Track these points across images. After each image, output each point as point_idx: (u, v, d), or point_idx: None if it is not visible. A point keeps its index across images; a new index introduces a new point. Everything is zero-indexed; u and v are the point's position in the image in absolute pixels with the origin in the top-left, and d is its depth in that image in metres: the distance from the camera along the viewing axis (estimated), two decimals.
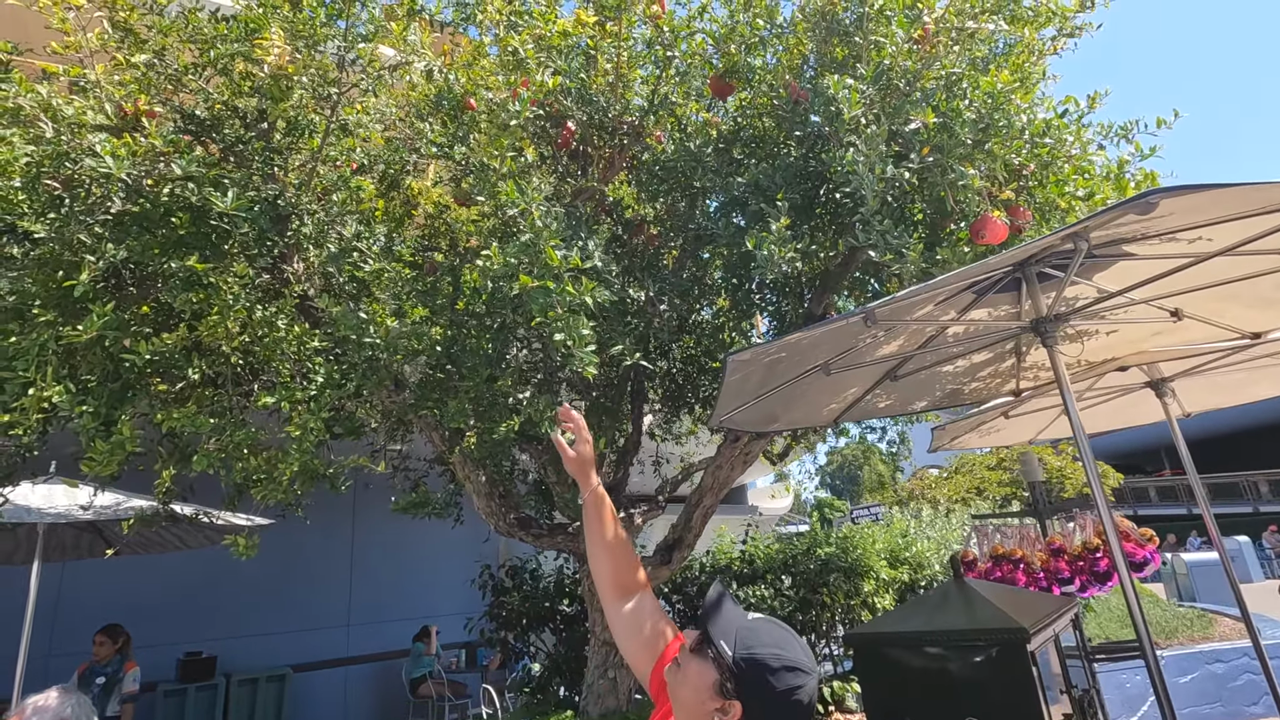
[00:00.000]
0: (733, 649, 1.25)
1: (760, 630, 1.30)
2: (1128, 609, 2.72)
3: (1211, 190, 1.56)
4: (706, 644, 1.29)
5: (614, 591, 1.56)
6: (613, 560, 1.59)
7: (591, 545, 1.64)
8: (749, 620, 1.33)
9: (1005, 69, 2.39)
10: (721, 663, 1.25)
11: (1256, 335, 3.57)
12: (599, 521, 1.63)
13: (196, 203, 2.10)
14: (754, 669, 1.22)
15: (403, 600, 10.02)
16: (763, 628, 1.31)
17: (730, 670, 1.23)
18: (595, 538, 1.63)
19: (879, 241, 2.03)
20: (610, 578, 1.58)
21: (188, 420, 2.23)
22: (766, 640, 1.27)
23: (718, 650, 1.26)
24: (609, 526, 1.63)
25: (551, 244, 1.93)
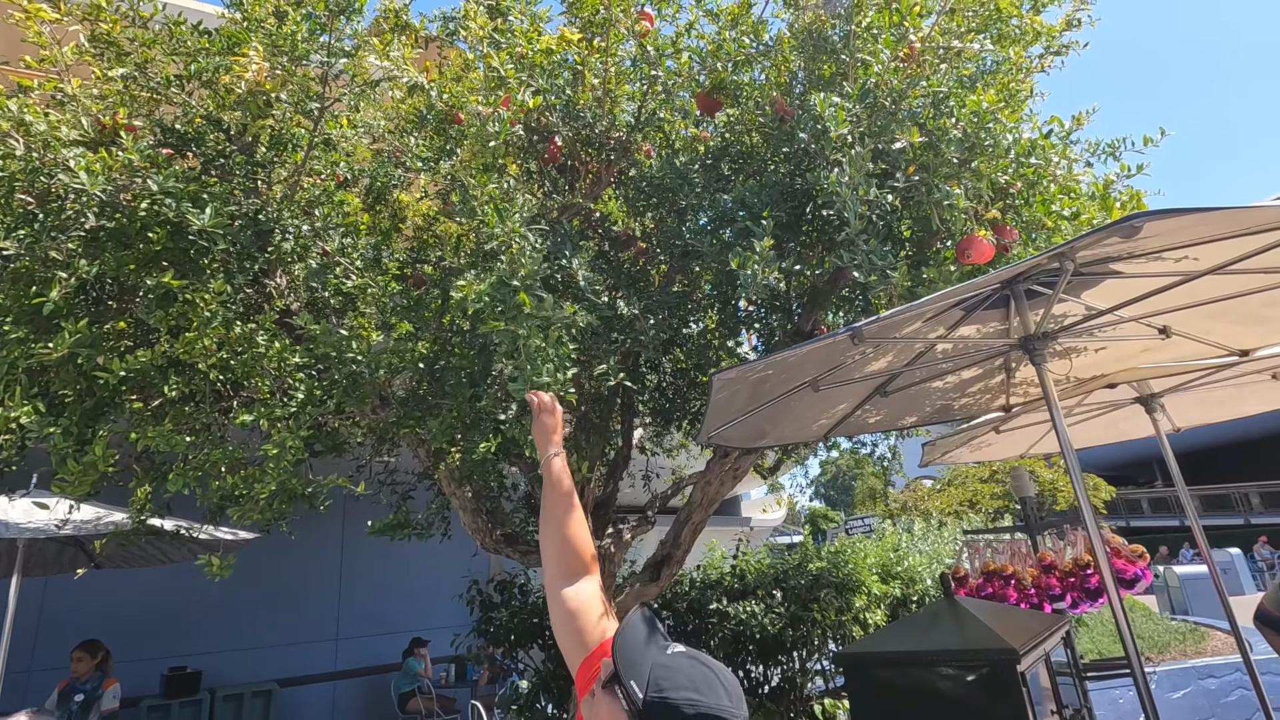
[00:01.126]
0: (644, 690, 1.10)
1: (679, 669, 1.14)
2: (1116, 626, 2.70)
3: (1195, 214, 1.55)
4: (616, 681, 1.14)
5: (558, 570, 1.46)
6: (560, 536, 1.49)
7: (543, 519, 1.54)
8: (668, 656, 1.17)
9: (991, 88, 2.39)
10: (631, 705, 1.10)
11: (1245, 352, 3.58)
12: (552, 492, 1.54)
13: (174, 218, 2.07)
14: (665, 715, 1.08)
15: (392, 614, 9.91)
16: (682, 665, 1.15)
17: (638, 715, 1.09)
18: (546, 511, 1.54)
19: (864, 262, 2.02)
20: (556, 555, 1.48)
21: (163, 438, 2.19)
22: (683, 682, 1.12)
23: (627, 691, 1.11)
24: (560, 501, 1.53)
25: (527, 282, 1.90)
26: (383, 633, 9.79)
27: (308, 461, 2.53)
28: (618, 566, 4.41)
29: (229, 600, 8.34)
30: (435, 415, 2.40)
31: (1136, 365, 3.90)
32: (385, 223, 3.48)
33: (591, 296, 2.19)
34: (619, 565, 4.48)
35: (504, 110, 2.18)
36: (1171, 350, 3.68)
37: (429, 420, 2.40)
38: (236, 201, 2.51)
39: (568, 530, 1.49)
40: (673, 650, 1.16)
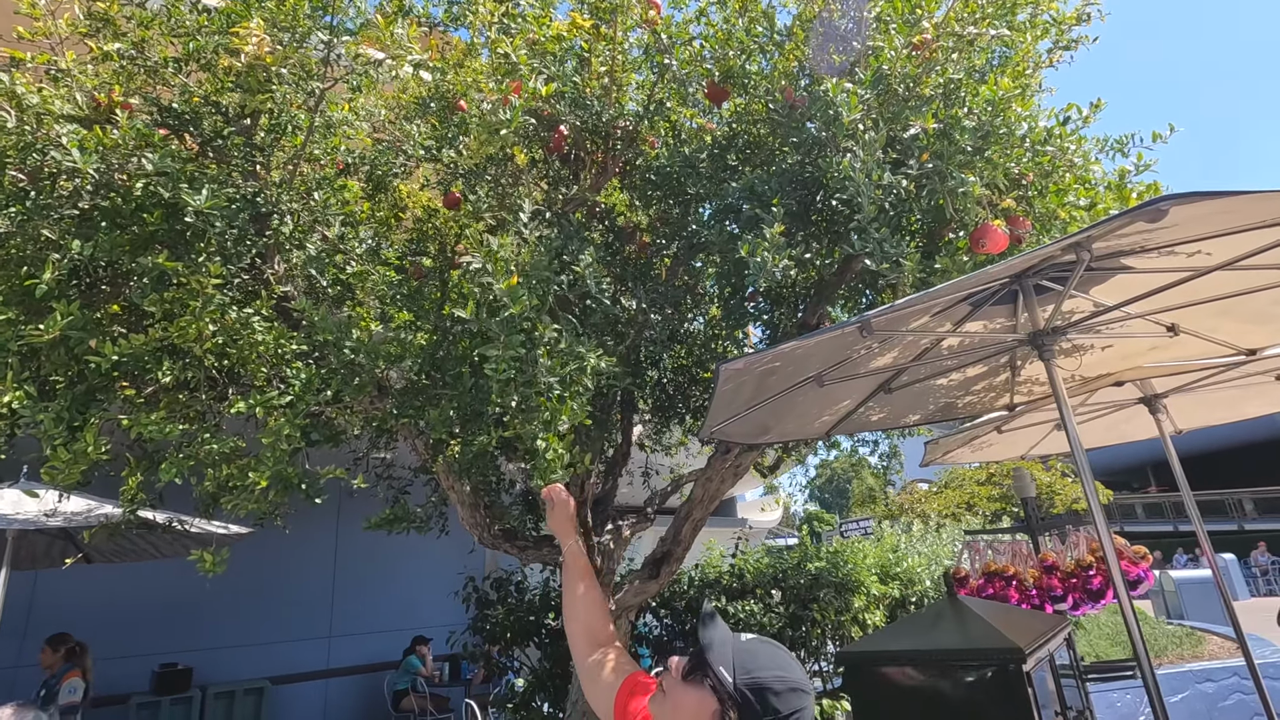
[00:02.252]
0: (733, 674, 1.19)
1: (758, 652, 1.25)
2: (1126, 629, 2.67)
3: (1222, 198, 1.51)
4: (701, 671, 1.22)
5: (586, 645, 1.59)
6: (587, 614, 1.64)
7: (569, 601, 1.68)
8: (743, 642, 1.27)
9: (1005, 77, 2.35)
10: (722, 690, 1.18)
11: (1252, 351, 3.55)
12: (575, 578, 1.70)
13: (170, 199, 2.01)
14: (758, 695, 1.17)
15: (387, 612, 9.83)
16: (760, 649, 1.26)
17: (733, 698, 1.17)
18: (572, 594, 1.68)
19: (875, 250, 1.98)
20: (584, 633, 1.61)
21: (156, 427, 2.13)
22: (766, 663, 1.22)
23: (717, 677, 1.19)
24: (586, 584, 1.69)
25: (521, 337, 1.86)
26: (377, 630, 9.72)
27: (304, 452, 2.47)
28: (617, 563, 4.36)
29: (221, 596, 8.25)
30: (434, 406, 2.34)
31: (1143, 364, 3.87)
32: (385, 213, 3.43)
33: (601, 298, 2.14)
34: (618, 562, 4.43)
35: (515, 98, 2.13)
36: (1178, 349, 3.65)
37: (427, 411, 2.35)
38: (234, 184, 2.46)
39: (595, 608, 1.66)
40: (746, 637, 1.28)
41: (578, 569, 1.72)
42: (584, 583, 1.70)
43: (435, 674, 8.70)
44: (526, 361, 1.86)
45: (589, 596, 1.67)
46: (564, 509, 1.81)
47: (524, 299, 1.81)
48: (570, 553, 1.75)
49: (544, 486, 1.83)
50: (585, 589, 1.68)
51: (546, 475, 1.81)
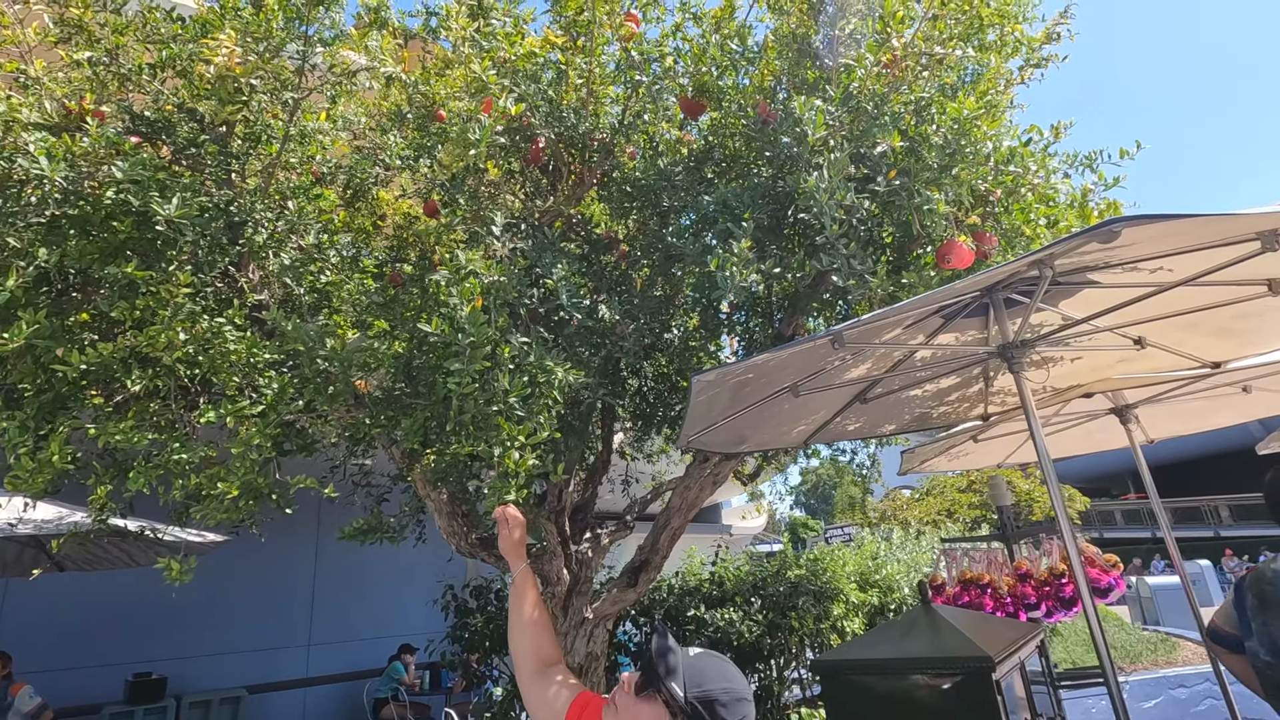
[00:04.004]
0: (683, 689, 1.26)
1: (706, 667, 1.32)
2: (1091, 635, 2.71)
3: (1171, 220, 1.55)
4: (654, 686, 1.29)
5: (534, 665, 1.64)
6: (535, 637, 1.68)
7: (516, 622, 1.73)
8: (693, 657, 1.35)
9: (972, 96, 2.40)
10: (674, 705, 1.25)
11: (1217, 365, 3.63)
12: (524, 600, 1.75)
13: (140, 208, 2.00)
14: (708, 707, 1.24)
15: (368, 619, 9.75)
16: (707, 663, 1.33)
17: (684, 711, 1.24)
18: (520, 616, 1.73)
19: (844, 265, 2.01)
20: (532, 654, 1.65)
21: (124, 436, 2.11)
22: (714, 676, 1.30)
23: (669, 692, 1.26)
24: (535, 606, 1.75)
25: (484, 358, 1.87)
26: (357, 639, 9.63)
27: (276, 461, 2.46)
28: (595, 572, 4.36)
29: (197, 604, 8.15)
30: (408, 415, 2.34)
31: (1112, 375, 3.94)
32: (365, 221, 3.43)
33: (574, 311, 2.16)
34: (596, 570, 4.43)
35: (484, 116, 2.15)
36: (1146, 361, 3.72)
37: (401, 420, 2.35)
38: (208, 192, 2.45)
39: (542, 632, 1.70)
40: (694, 651, 1.36)
41: (527, 591, 1.76)
42: (532, 605, 1.74)
43: (416, 682, 8.63)
44: (489, 378, 1.87)
45: (536, 619, 1.72)
46: (516, 533, 1.85)
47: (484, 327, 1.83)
48: (520, 576, 1.79)
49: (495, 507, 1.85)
50: (533, 611, 1.73)
51: (500, 496, 1.82)
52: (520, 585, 1.81)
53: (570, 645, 4.16)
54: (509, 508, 1.90)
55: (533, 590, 1.82)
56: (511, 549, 1.87)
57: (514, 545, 1.86)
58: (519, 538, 1.88)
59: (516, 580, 1.82)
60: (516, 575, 1.84)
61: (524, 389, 2.00)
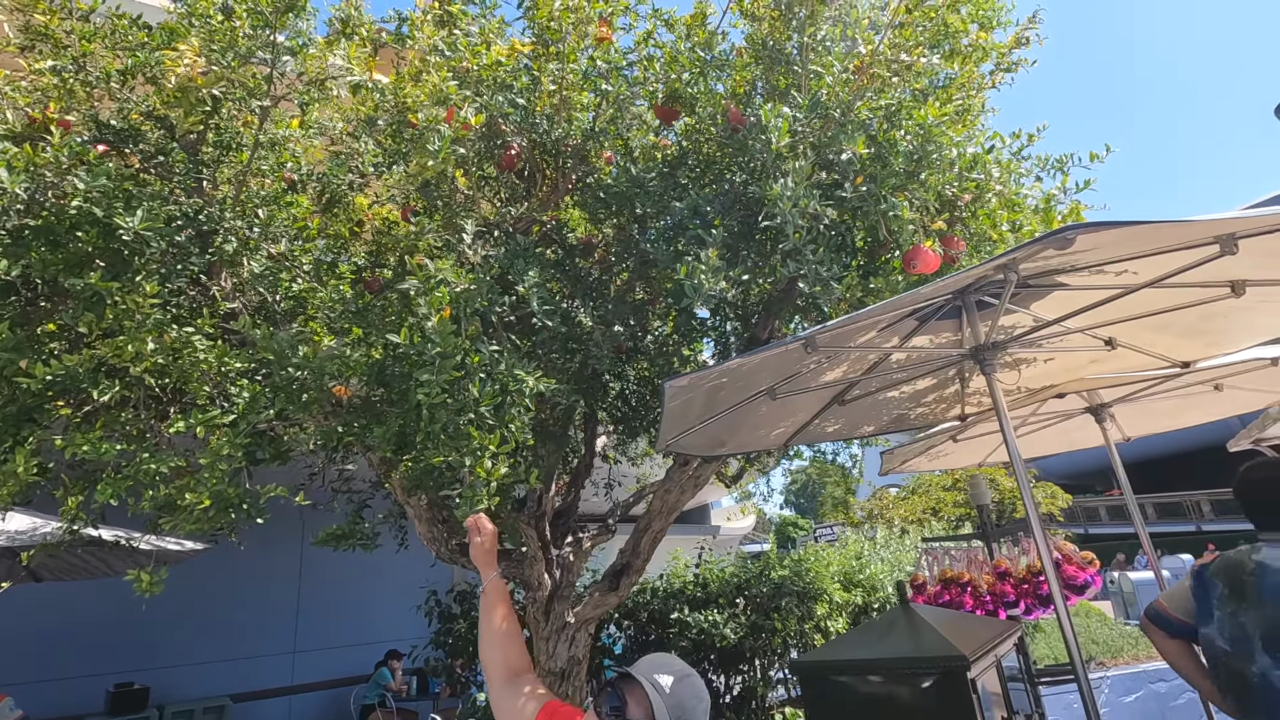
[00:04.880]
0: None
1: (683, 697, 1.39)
2: (1062, 634, 2.75)
3: (1124, 227, 1.58)
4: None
5: (503, 674, 1.65)
6: (505, 646, 1.69)
7: (486, 632, 1.74)
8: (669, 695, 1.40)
9: (938, 102, 2.43)
10: None
11: (1186, 364, 3.68)
12: (494, 609, 1.75)
13: (104, 218, 1.99)
14: None
15: (354, 626, 9.69)
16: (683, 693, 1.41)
17: None
18: (490, 625, 1.74)
19: (810, 272, 2.03)
20: (502, 663, 1.66)
21: (92, 447, 2.10)
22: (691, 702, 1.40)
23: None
24: (504, 616, 1.75)
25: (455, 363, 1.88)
26: (343, 645, 9.57)
27: (247, 470, 2.45)
28: (577, 576, 4.36)
29: (180, 613, 8.07)
30: (381, 423, 2.34)
31: (1085, 376, 3.99)
32: (342, 227, 3.41)
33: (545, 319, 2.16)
34: (578, 575, 4.43)
35: (445, 127, 2.15)
36: (1118, 361, 3.77)
37: (374, 428, 2.35)
38: (176, 201, 2.44)
39: (512, 641, 1.71)
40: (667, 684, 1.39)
41: (498, 601, 1.77)
42: (503, 614, 1.75)
43: (403, 688, 8.59)
44: (458, 388, 1.87)
45: (507, 628, 1.72)
46: (487, 541, 1.85)
47: (453, 337, 1.83)
48: (491, 584, 1.80)
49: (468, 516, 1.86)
50: (503, 621, 1.74)
51: (472, 504, 1.82)
52: (491, 594, 1.82)
53: (552, 650, 4.15)
54: (480, 517, 1.91)
55: (503, 599, 1.82)
56: (482, 557, 1.88)
57: (484, 554, 1.88)
58: (489, 546, 1.89)
59: (487, 589, 1.83)
60: (487, 584, 1.84)
61: (495, 397, 2.01)
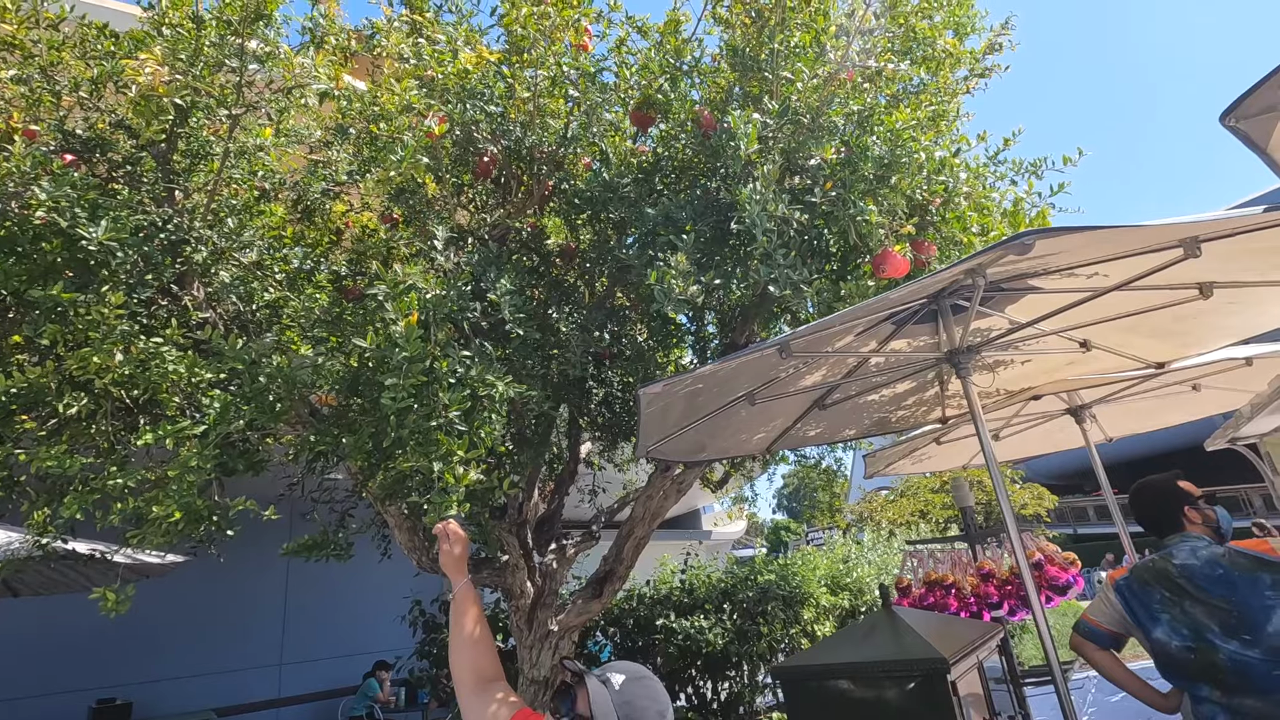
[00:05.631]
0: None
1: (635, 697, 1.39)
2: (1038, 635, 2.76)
3: (1083, 232, 1.60)
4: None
5: (473, 682, 1.63)
6: (475, 654, 1.68)
7: (455, 639, 1.72)
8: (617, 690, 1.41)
9: (907, 107, 2.45)
10: None
11: (1161, 365, 3.72)
12: (465, 616, 1.74)
13: (68, 228, 1.97)
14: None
15: (342, 637, 9.61)
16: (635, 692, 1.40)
17: None
18: (460, 633, 1.72)
19: (780, 276, 2.04)
20: (471, 671, 1.65)
21: (57, 461, 2.07)
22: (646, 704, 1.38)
23: None
24: (475, 621, 1.74)
25: None
26: (331, 656, 9.48)
27: (219, 482, 2.42)
28: (560, 583, 4.34)
29: (164, 626, 7.98)
30: (352, 432, 2.33)
31: (1062, 377, 4.02)
32: (320, 235, 3.39)
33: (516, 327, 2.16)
34: (562, 582, 4.41)
35: (408, 136, 2.15)
36: (1094, 363, 3.80)
37: (347, 437, 2.33)
38: (145, 210, 2.42)
39: (482, 647, 1.70)
40: (618, 681, 1.40)
41: (468, 606, 1.76)
42: (473, 622, 1.73)
43: (391, 699, 8.52)
44: (426, 394, 1.86)
45: (476, 635, 1.71)
46: (456, 549, 1.84)
47: (420, 342, 1.82)
48: (461, 592, 1.78)
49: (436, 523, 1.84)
50: (474, 628, 1.72)
51: (441, 511, 1.81)
52: (461, 601, 1.80)
53: (535, 659, 4.13)
54: (450, 523, 1.90)
55: (474, 606, 1.82)
56: (452, 565, 1.87)
57: (455, 561, 1.87)
58: (460, 553, 1.88)
59: (457, 596, 1.82)
60: (457, 591, 1.83)
61: (464, 403, 1.99)
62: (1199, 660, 2.15)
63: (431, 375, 1.87)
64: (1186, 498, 2.44)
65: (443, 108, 2.34)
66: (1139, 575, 2.35)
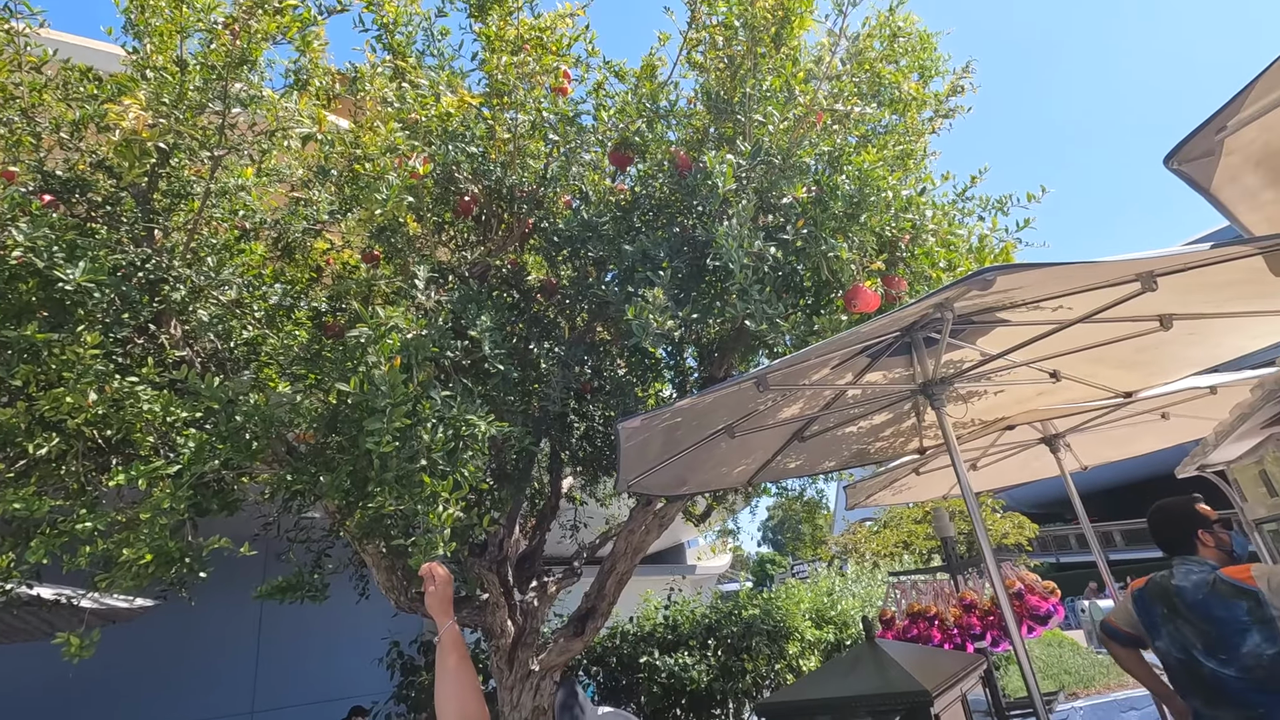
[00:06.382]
0: None
1: None
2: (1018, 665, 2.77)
3: (1041, 269, 1.66)
4: None
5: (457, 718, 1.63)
6: (461, 698, 1.67)
7: (441, 682, 1.72)
8: (600, 716, 1.34)
9: (875, 147, 2.54)
10: None
11: (1129, 394, 3.81)
12: (449, 658, 1.74)
13: (44, 269, 1.97)
14: None
15: (316, 682, 9.30)
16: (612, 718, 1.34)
17: None
18: (445, 676, 1.72)
19: (756, 311, 2.09)
20: (458, 713, 1.64)
21: (25, 504, 2.03)
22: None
23: None
24: (459, 664, 1.74)
25: None
26: (305, 703, 9.17)
27: (192, 523, 2.38)
28: (542, 621, 4.28)
29: (131, 674, 7.68)
30: (330, 470, 2.31)
31: (1034, 407, 4.10)
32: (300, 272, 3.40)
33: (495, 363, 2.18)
34: (544, 620, 4.35)
35: (393, 176, 2.19)
36: (1064, 393, 3.89)
37: (325, 476, 2.31)
38: (124, 250, 2.42)
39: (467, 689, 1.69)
40: (603, 711, 1.30)
41: (452, 648, 1.75)
42: (459, 663, 1.72)
43: None
44: (409, 436, 1.87)
45: (462, 677, 1.70)
46: (441, 590, 1.84)
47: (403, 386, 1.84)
48: (447, 633, 1.77)
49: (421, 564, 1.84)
50: (459, 669, 1.71)
51: (427, 553, 1.80)
52: (446, 644, 1.79)
53: (517, 700, 4.04)
54: (435, 565, 1.89)
55: (458, 648, 1.80)
56: (438, 606, 1.86)
57: (440, 602, 1.85)
58: (444, 594, 1.87)
59: (443, 638, 1.81)
60: (443, 633, 1.82)
61: (447, 443, 2.00)
62: (1188, 673, 2.39)
63: (414, 417, 1.88)
64: (1202, 521, 2.60)
65: (425, 149, 2.39)
66: (1148, 589, 2.57)
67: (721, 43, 2.90)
